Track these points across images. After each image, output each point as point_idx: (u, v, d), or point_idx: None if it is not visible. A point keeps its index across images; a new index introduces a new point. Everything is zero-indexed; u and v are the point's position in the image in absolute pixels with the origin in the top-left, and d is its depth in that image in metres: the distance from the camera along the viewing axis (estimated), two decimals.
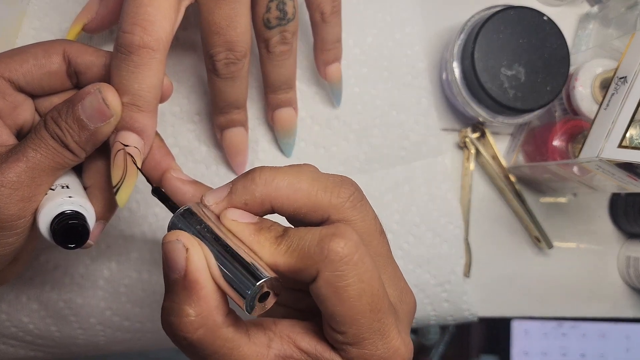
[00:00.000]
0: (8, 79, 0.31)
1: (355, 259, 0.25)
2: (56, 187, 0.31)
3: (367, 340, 0.25)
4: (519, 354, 0.58)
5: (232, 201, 0.27)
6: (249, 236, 0.26)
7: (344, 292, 0.24)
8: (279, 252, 0.26)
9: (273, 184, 0.27)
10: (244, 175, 0.27)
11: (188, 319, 0.25)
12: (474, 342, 0.86)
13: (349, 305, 0.24)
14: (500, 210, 0.51)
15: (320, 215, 0.27)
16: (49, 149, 0.29)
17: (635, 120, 0.36)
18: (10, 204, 0.29)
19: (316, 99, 0.46)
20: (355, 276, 0.24)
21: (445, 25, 0.48)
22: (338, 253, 0.24)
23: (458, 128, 0.50)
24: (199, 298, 0.25)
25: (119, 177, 0.30)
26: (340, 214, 0.27)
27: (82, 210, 0.30)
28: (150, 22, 0.30)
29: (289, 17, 0.36)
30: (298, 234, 0.26)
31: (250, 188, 0.27)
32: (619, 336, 0.57)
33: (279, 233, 0.26)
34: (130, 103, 0.30)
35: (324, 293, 0.25)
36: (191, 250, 0.25)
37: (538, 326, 0.57)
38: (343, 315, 0.25)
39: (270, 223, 0.27)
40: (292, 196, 0.27)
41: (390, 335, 0.26)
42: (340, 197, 0.27)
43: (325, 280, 0.24)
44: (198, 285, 0.25)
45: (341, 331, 0.25)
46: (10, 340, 0.44)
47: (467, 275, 0.49)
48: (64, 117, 0.29)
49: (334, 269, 0.24)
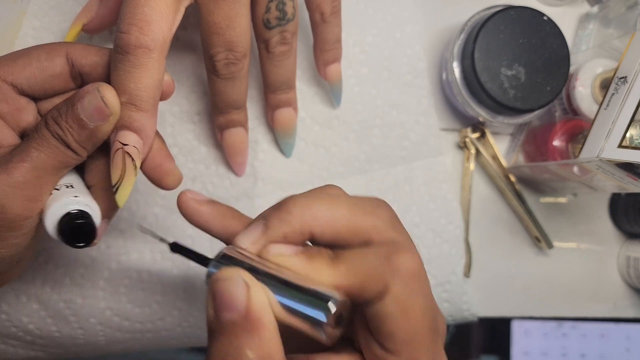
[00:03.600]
0: (11, 83, 0.31)
1: (422, 274, 0.24)
2: (61, 187, 0.31)
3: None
4: (519, 354, 0.58)
5: (271, 237, 0.26)
6: (303, 266, 0.25)
7: (412, 309, 0.23)
8: (340, 273, 0.25)
9: (310, 211, 0.26)
10: (277, 207, 0.26)
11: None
12: (474, 342, 0.86)
13: (413, 324, 0.23)
14: (501, 211, 0.51)
15: (362, 238, 0.26)
16: (52, 149, 0.29)
17: (635, 120, 0.36)
18: (17, 205, 0.29)
19: (316, 99, 0.46)
20: (422, 293, 0.24)
21: (445, 25, 0.48)
22: (409, 268, 0.24)
23: (458, 128, 0.49)
24: (262, 339, 0.23)
25: (118, 176, 0.30)
26: (382, 235, 0.26)
27: (88, 209, 0.30)
28: (147, 22, 0.30)
29: (289, 17, 0.36)
30: (357, 253, 0.25)
31: (287, 219, 0.26)
32: (619, 336, 0.57)
33: (332, 255, 0.25)
34: (128, 102, 0.30)
35: (390, 310, 0.23)
36: (253, 287, 0.24)
37: (538, 326, 0.57)
38: (405, 333, 0.23)
39: (317, 248, 0.26)
40: (331, 221, 0.26)
41: (439, 356, 0.25)
42: (381, 219, 0.26)
43: (395, 296, 0.23)
44: (261, 325, 0.23)
45: (396, 350, 0.24)
46: (10, 340, 0.44)
47: (467, 275, 0.49)
48: (64, 117, 0.29)
49: (405, 284, 0.23)
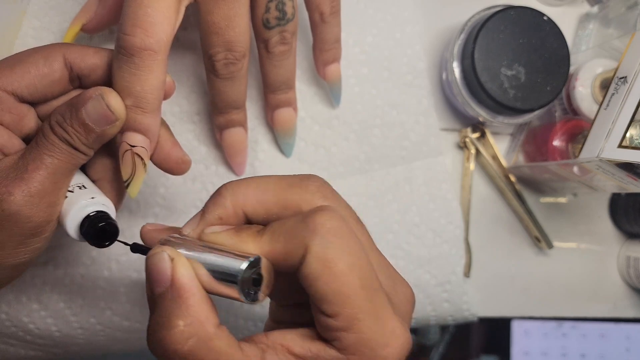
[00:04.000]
0: (12, 92, 0.31)
1: (344, 231, 0.24)
2: (74, 189, 0.32)
3: (361, 322, 0.24)
4: (519, 354, 0.58)
5: (207, 220, 0.27)
6: (230, 239, 0.26)
7: (334, 265, 0.24)
8: (264, 241, 0.26)
9: (240, 191, 0.27)
10: (213, 195, 0.28)
11: (177, 329, 0.24)
12: (474, 343, 0.86)
13: (340, 281, 0.24)
14: (501, 211, 0.50)
15: (292, 212, 0.27)
16: (63, 153, 0.30)
17: (635, 120, 0.36)
18: (40, 212, 0.29)
19: (316, 99, 0.46)
20: (345, 249, 0.24)
21: (446, 25, 0.48)
22: (325, 225, 0.24)
23: (458, 128, 0.49)
24: (188, 307, 0.24)
25: (128, 174, 0.32)
26: (312, 205, 0.26)
27: (104, 208, 0.32)
28: (151, 24, 0.30)
29: (288, 17, 0.36)
30: (279, 222, 0.26)
31: (220, 202, 0.27)
32: (619, 336, 0.57)
33: (258, 228, 0.27)
34: (133, 105, 0.31)
35: (314, 270, 0.24)
36: (176, 259, 0.25)
37: (538, 326, 0.57)
38: (335, 293, 0.24)
39: (246, 225, 0.27)
40: (261, 199, 0.27)
41: (384, 316, 0.25)
42: (309, 191, 0.27)
43: (315, 255, 0.24)
44: (186, 292, 0.25)
45: (334, 313, 0.24)
46: (10, 340, 0.44)
47: (467, 275, 0.49)
48: (69, 122, 0.30)
49: (323, 241, 0.24)
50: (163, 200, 0.44)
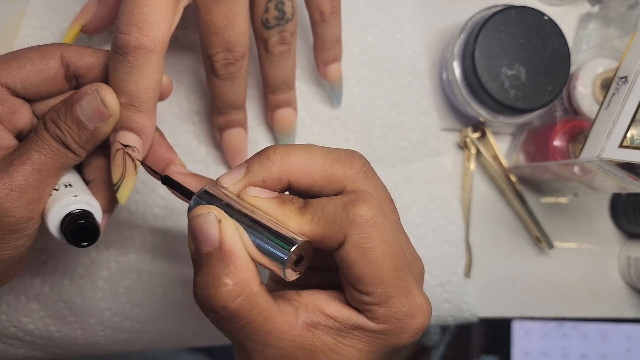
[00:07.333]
0: (5, 85, 0.31)
1: (379, 221, 0.26)
2: (59, 187, 0.31)
3: (394, 299, 0.26)
4: (519, 354, 0.58)
5: (250, 180, 0.28)
6: (274, 209, 0.27)
7: (371, 252, 0.26)
8: (305, 221, 0.27)
9: (289, 159, 0.28)
10: (259, 154, 0.28)
11: (227, 288, 0.25)
12: (474, 343, 0.86)
13: (376, 266, 0.26)
14: (501, 211, 0.50)
15: (335, 187, 0.28)
16: (53, 150, 0.30)
17: (636, 120, 0.36)
18: (20, 207, 0.29)
19: (316, 99, 0.45)
20: (381, 237, 0.26)
21: (446, 25, 0.48)
22: (363, 216, 0.26)
23: (458, 128, 0.49)
24: (236, 267, 0.26)
25: (119, 176, 0.31)
26: (355, 184, 0.28)
27: (89, 207, 0.31)
28: (146, 23, 0.30)
29: (288, 17, 0.36)
30: (320, 203, 0.27)
31: (267, 165, 0.28)
32: (619, 337, 0.57)
33: (301, 204, 0.27)
34: (127, 104, 0.30)
35: (352, 256, 0.26)
36: (224, 221, 0.26)
37: (539, 327, 0.57)
38: (371, 276, 0.26)
39: (290, 196, 0.28)
40: (307, 170, 0.28)
41: (413, 292, 0.27)
42: (354, 168, 0.28)
43: (353, 244, 0.26)
44: (234, 254, 0.26)
45: (369, 292, 0.26)
46: (10, 340, 0.44)
47: (467, 275, 0.49)
48: (63, 119, 0.30)
49: (361, 232, 0.26)
50: (163, 200, 0.44)
